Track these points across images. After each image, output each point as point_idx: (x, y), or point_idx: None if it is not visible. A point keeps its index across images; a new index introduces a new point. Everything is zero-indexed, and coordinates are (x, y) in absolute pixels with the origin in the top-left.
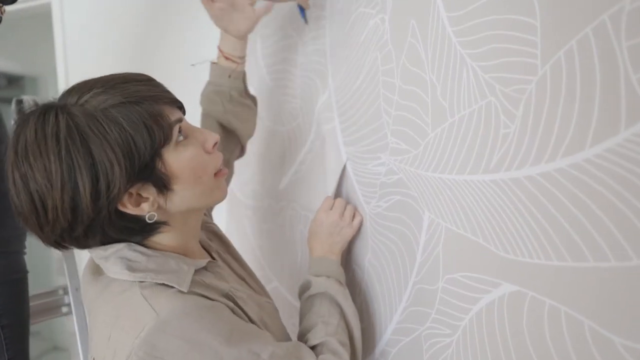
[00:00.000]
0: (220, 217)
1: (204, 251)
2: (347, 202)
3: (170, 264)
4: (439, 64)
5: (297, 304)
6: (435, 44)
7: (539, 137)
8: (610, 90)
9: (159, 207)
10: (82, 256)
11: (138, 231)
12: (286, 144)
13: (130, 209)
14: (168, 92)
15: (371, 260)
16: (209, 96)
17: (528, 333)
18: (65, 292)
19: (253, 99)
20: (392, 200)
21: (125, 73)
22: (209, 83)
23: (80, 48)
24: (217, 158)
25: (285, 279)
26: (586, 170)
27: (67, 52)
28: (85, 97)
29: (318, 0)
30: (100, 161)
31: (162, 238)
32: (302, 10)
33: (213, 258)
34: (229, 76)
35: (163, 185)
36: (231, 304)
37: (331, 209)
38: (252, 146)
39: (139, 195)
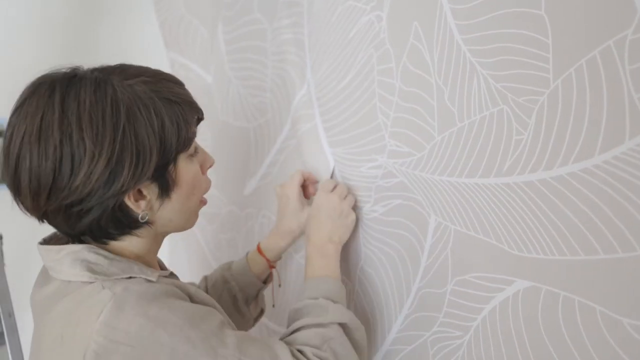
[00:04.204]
0: None
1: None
2: (349, 191)
3: (133, 270)
4: (446, 69)
5: (267, 321)
6: (442, 49)
7: (552, 144)
8: (616, 106)
9: (151, 209)
10: (15, 273)
11: (123, 226)
12: (252, 143)
13: (132, 202)
14: (196, 102)
15: (364, 269)
16: (217, 277)
17: (543, 324)
18: None
19: (254, 311)
20: (391, 204)
21: (165, 72)
22: (227, 267)
23: None
24: (208, 182)
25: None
26: (596, 175)
27: None
28: (132, 81)
29: None
30: (144, 146)
31: (129, 242)
32: None
33: None
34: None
35: (166, 189)
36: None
37: (332, 191)
38: (205, 144)
39: (140, 192)
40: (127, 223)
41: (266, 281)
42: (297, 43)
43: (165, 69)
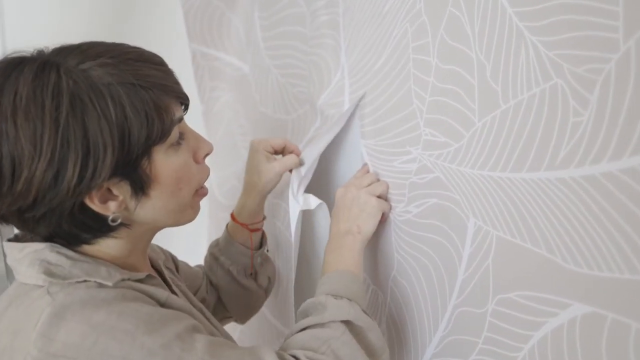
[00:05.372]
0: (202, 224)
1: (149, 266)
2: (376, 178)
3: (100, 272)
4: (489, 39)
5: (282, 327)
6: (485, 15)
7: (620, 127)
8: None
9: (126, 209)
10: None
11: (93, 230)
12: (289, 136)
13: (96, 204)
14: (179, 83)
15: (397, 279)
16: (209, 259)
17: None
18: None
19: (263, 280)
20: (425, 204)
21: (139, 49)
22: (215, 244)
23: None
24: (205, 171)
25: (270, 299)
26: None
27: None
28: (88, 64)
29: None
30: (94, 142)
31: (105, 244)
32: None
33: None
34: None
35: (141, 187)
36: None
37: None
38: (244, 137)
39: (109, 191)
40: (96, 227)
41: (261, 245)
42: (332, 24)
43: (188, 60)
